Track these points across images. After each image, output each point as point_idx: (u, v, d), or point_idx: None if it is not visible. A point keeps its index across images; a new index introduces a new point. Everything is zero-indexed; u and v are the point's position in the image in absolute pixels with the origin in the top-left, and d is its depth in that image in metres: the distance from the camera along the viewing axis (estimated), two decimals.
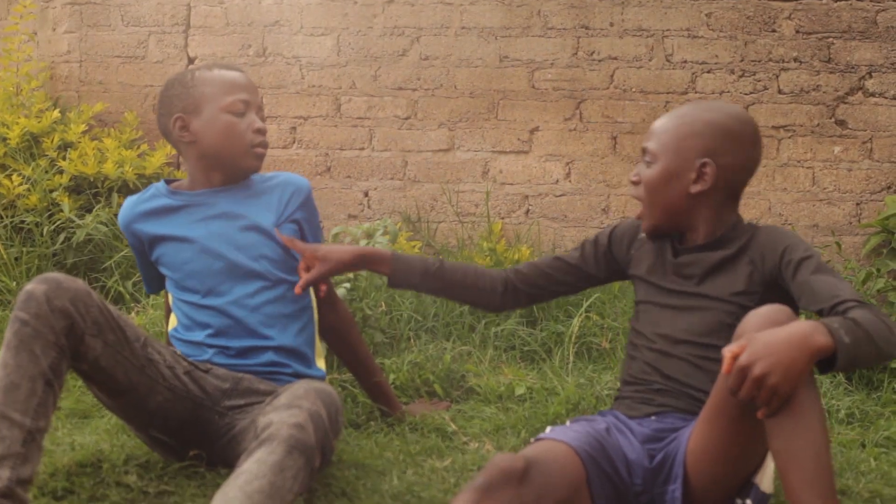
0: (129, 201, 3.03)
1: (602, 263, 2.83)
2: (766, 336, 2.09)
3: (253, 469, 2.29)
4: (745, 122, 2.58)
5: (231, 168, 2.98)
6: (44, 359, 2.43)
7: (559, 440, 2.40)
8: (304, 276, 2.90)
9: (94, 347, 2.54)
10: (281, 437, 2.34)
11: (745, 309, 2.42)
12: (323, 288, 2.99)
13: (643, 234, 2.73)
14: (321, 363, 3.07)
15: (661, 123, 2.62)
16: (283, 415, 2.41)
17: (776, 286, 2.48)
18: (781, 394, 2.06)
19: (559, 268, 2.87)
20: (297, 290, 2.89)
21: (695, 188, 2.54)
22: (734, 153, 2.55)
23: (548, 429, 2.53)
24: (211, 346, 2.88)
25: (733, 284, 2.52)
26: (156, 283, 3.11)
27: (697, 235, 2.61)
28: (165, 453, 2.84)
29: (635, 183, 2.63)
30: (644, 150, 2.62)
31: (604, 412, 2.62)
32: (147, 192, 3.04)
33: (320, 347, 3.12)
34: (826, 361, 2.14)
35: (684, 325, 2.55)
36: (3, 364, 2.42)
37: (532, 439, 2.54)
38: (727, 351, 2.12)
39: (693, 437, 2.35)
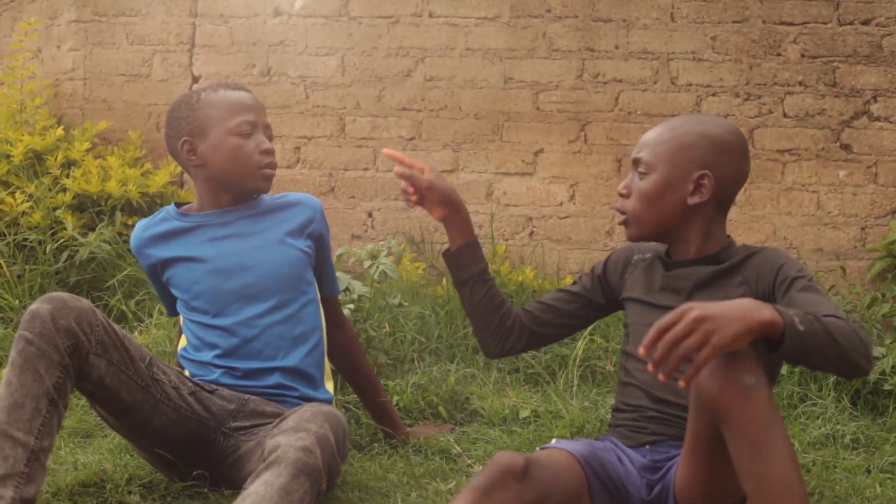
0: (140, 225, 3.04)
1: (599, 290, 2.80)
2: (708, 302, 2.07)
3: (260, 491, 2.29)
4: (737, 135, 2.57)
5: (240, 190, 2.97)
6: (48, 378, 2.43)
7: (562, 448, 2.42)
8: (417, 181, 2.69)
9: (98, 367, 2.54)
10: (288, 461, 2.34)
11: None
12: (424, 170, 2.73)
13: (637, 256, 2.71)
14: (329, 385, 3.06)
15: (654, 135, 2.59)
16: (291, 438, 2.40)
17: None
18: (714, 345, 1.99)
19: (563, 298, 2.82)
20: (409, 194, 2.71)
21: (692, 200, 2.52)
22: (729, 165, 2.54)
23: (553, 440, 2.55)
24: (218, 367, 2.88)
25: (724, 299, 2.47)
26: (174, 305, 3.11)
27: (688, 249, 2.58)
28: (169, 473, 2.83)
29: (625, 195, 2.60)
30: (636, 162, 2.59)
31: (601, 438, 2.61)
32: (157, 215, 3.04)
33: (328, 369, 3.12)
34: (774, 344, 2.09)
35: None
36: (8, 383, 2.42)
37: (538, 448, 2.56)
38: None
39: (679, 470, 2.34)
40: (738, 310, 2.04)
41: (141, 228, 3.03)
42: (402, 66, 5.16)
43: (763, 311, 2.05)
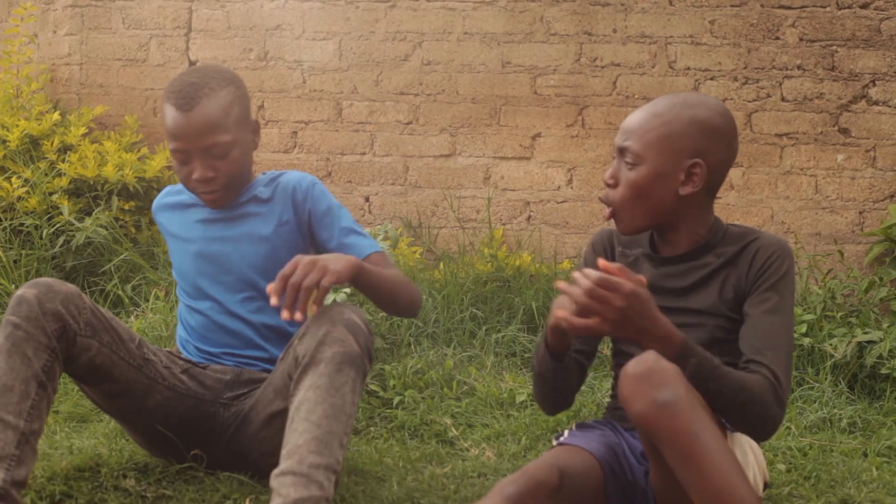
0: (163, 191, 3.02)
1: None
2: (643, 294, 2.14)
3: (310, 397, 2.32)
4: (726, 116, 2.43)
5: None
6: (36, 361, 2.43)
7: (582, 448, 2.39)
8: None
9: (88, 348, 2.54)
10: (326, 359, 2.36)
11: (737, 322, 2.36)
12: None
13: (619, 250, 2.59)
14: None
15: (639, 120, 2.44)
16: (319, 334, 2.40)
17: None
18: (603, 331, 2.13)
19: None
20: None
21: (684, 190, 2.39)
22: (720, 150, 2.41)
23: (566, 432, 2.52)
24: (197, 349, 2.88)
25: (722, 296, 2.40)
26: None
27: (679, 241, 2.47)
28: (166, 455, 2.82)
29: (612, 185, 2.45)
30: (623, 151, 2.44)
31: (601, 421, 2.57)
32: (178, 185, 2.97)
33: None
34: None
35: None
36: None
37: (554, 440, 2.52)
38: (604, 263, 2.15)
39: (650, 469, 2.32)
40: (644, 329, 2.15)
41: (161, 195, 3.01)
42: (400, 50, 5.14)
43: (665, 349, 2.15)
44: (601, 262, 2.15)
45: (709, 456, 2.01)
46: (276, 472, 2.28)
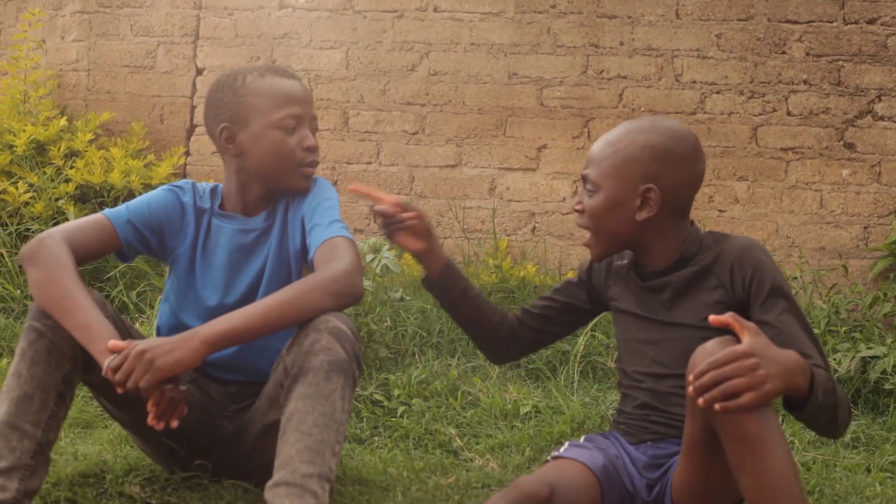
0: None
1: (585, 296, 2.76)
2: (767, 341, 2.09)
3: (300, 407, 2.31)
4: (683, 139, 2.48)
5: (275, 186, 2.74)
6: (58, 371, 2.41)
7: (578, 460, 2.41)
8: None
9: None
10: (314, 368, 2.34)
11: (721, 333, 2.35)
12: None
13: (617, 263, 2.65)
14: None
15: (598, 149, 2.51)
16: (305, 345, 2.37)
17: (746, 309, 2.42)
18: (764, 392, 2.03)
19: (552, 307, 2.79)
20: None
21: (640, 215, 2.45)
22: (676, 173, 2.45)
23: (566, 444, 2.54)
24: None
25: (704, 309, 2.43)
26: None
27: (655, 259, 2.53)
28: (171, 465, 2.80)
29: (579, 211, 2.54)
30: (584, 179, 2.52)
31: (606, 433, 2.59)
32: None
33: None
34: (790, 402, 2.15)
35: (665, 359, 2.48)
36: (17, 374, 2.40)
37: (550, 456, 2.54)
38: (715, 318, 2.13)
39: (676, 472, 2.33)
40: (786, 369, 2.07)
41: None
42: (407, 60, 5.15)
43: (800, 379, 2.09)
44: (711, 318, 2.16)
45: (774, 442, 2.04)
46: (269, 483, 2.27)
